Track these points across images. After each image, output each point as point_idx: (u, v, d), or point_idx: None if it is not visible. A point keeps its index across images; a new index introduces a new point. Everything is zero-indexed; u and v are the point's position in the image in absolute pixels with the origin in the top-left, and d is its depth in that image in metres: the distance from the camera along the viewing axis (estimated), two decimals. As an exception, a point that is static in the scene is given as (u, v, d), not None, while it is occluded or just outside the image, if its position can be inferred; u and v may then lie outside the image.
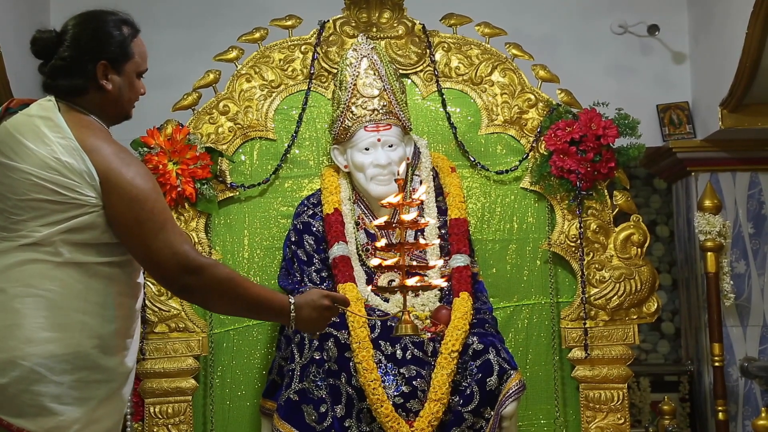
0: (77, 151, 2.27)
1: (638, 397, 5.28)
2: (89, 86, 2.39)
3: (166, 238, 2.28)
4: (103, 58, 2.38)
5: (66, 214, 2.25)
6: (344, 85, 3.63)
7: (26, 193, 2.24)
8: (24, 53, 4.46)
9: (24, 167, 2.26)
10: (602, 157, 3.72)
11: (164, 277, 2.33)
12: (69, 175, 2.25)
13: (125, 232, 2.28)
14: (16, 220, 2.25)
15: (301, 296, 2.54)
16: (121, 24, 2.44)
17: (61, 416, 2.21)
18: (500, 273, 3.87)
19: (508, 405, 3.31)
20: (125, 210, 2.27)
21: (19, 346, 2.19)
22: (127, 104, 2.48)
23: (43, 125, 2.31)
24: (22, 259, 2.23)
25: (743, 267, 4.79)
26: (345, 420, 3.29)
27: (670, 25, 4.95)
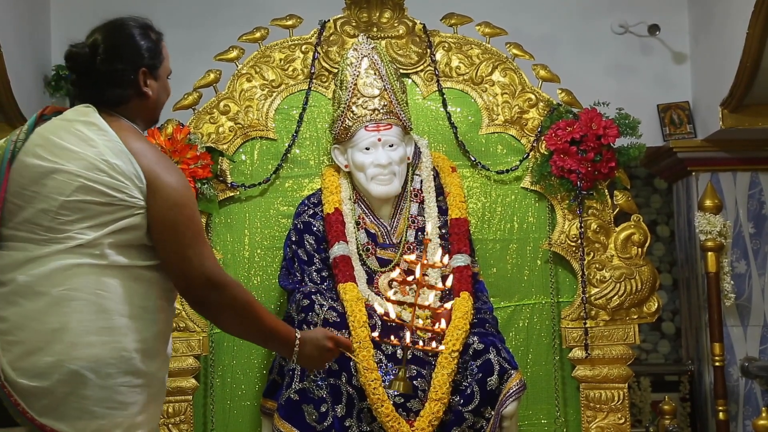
0: (124, 153, 2.28)
1: (639, 396, 5.28)
2: (132, 95, 2.42)
3: (199, 249, 2.31)
4: (142, 66, 2.43)
5: (113, 216, 2.26)
6: (345, 84, 3.63)
7: (74, 194, 2.25)
8: (24, 52, 4.48)
9: (70, 168, 2.26)
10: (603, 156, 3.72)
11: (188, 286, 2.34)
12: (117, 177, 2.26)
13: (162, 235, 2.30)
14: (63, 221, 2.25)
15: (308, 333, 2.58)
16: (148, 30, 2.49)
17: (103, 420, 2.21)
18: (501, 273, 3.87)
19: (509, 405, 3.31)
20: (166, 213, 2.29)
21: (65, 349, 2.19)
22: (162, 107, 2.53)
23: (85, 129, 2.32)
24: (69, 263, 2.23)
25: (744, 267, 4.79)
26: (345, 420, 3.29)
27: (671, 25, 4.95)
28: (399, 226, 3.69)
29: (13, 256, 2.27)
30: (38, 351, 2.20)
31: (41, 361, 2.19)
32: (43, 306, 2.22)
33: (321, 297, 3.39)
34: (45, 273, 2.23)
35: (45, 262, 2.24)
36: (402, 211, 3.70)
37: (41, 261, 2.24)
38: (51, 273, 2.23)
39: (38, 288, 2.22)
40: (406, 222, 3.68)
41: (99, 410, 2.20)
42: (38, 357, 2.19)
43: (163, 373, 2.39)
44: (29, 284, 2.23)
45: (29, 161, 2.31)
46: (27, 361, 2.20)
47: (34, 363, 2.19)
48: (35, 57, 4.69)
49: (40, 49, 4.75)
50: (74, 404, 2.19)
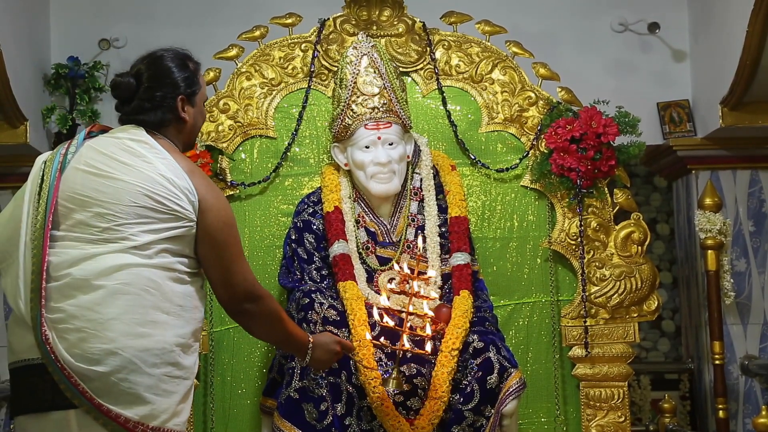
0: (178, 170, 2.51)
1: (639, 395, 5.28)
2: (172, 119, 2.64)
3: (242, 265, 2.58)
4: (181, 93, 2.64)
5: (166, 224, 2.46)
6: (344, 83, 3.63)
7: (133, 201, 2.45)
8: (23, 50, 4.47)
9: (128, 179, 2.47)
10: (602, 155, 3.72)
11: (231, 297, 2.58)
12: (173, 189, 2.47)
13: (211, 251, 2.54)
14: (120, 224, 2.44)
15: (319, 338, 2.87)
16: (186, 60, 2.71)
17: (153, 405, 2.41)
18: (500, 271, 3.87)
19: (509, 403, 3.32)
20: (218, 231, 2.53)
21: (119, 338, 2.38)
22: (198, 132, 2.77)
23: (137, 146, 2.53)
24: (122, 260, 2.43)
25: (744, 265, 4.78)
26: (345, 418, 3.29)
27: (671, 23, 4.94)
28: (399, 224, 3.69)
29: (69, 254, 2.45)
30: (93, 338, 2.38)
31: (96, 348, 2.37)
32: (97, 297, 2.40)
33: (321, 295, 3.39)
34: (100, 268, 2.42)
35: (100, 259, 2.43)
36: (402, 209, 3.70)
37: (96, 258, 2.43)
38: (106, 268, 2.42)
39: (94, 281, 2.41)
40: (405, 220, 3.68)
41: (148, 396, 2.40)
42: (93, 344, 2.37)
43: (196, 368, 2.58)
44: (85, 277, 2.42)
45: (83, 169, 2.50)
46: (81, 347, 2.37)
47: (89, 349, 2.37)
48: (34, 55, 4.68)
49: (39, 47, 4.75)
50: (126, 389, 2.38)
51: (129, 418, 2.38)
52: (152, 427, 2.40)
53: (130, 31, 4.83)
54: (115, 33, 4.81)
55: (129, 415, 2.38)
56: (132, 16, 4.85)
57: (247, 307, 2.59)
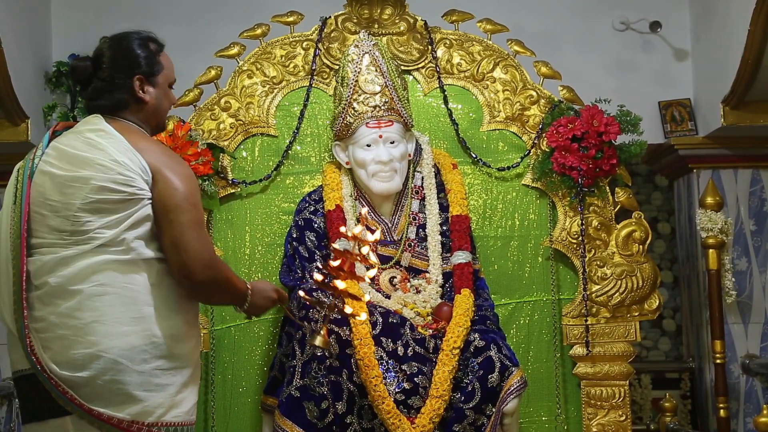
0: (130, 151, 2.49)
1: (639, 394, 5.28)
2: (130, 100, 2.63)
3: (200, 233, 2.51)
4: (138, 73, 2.63)
5: (127, 211, 2.45)
6: (346, 81, 3.63)
7: (88, 196, 2.44)
8: (24, 48, 4.47)
9: (84, 174, 2.46)
10: (604, 153, 3.72)
11: (189, 268, 2.49)
12: (125, 172, 2.45)
13: (164, 218, 2.48)
14: (83, 223, 2.44)
15: (256, 284, 2.79)
16: (148, 41, 2.70)
17: (146, 402, 2.42)
18: (502, 270, 3.87)
19: (510, 402, 3.32)
20: (169, 196, 2.48)
21: (101, 340, 2.40)
22: (164, 114, 2.74)
23: (94, 135, 2.52)
24: (96, 260, 2.43)
25: (745, 264, 4.78)
26: (346, 416, 3.29)
27: (672, 22, 4.94)
28: (400, 223, 3.68)
29: (43, 260, 2.45)
30: (76, 344, 2.40)
31: (79, 353, 2.39)
32: (76, 303, 2.41)
33: (322, 294, 3.39)
34: (74, 272, 2.42)
35: (73, 262, 2.43)
36: (403, 208, 3.70)
37: (69, 261, 2.43)
38: (80, 272, 2.42)
39: (70, 287, 2.42)
40: (407, 219, 3.68)
41: (139, 393, 2.41)
42: (76, 350, 2.39)
43: (197, 354, 2.58)
44: (61, 284, 2.42)
45: (49, 172, 2.51)
46: (66, 355, 2.39)
47: (73, 356, 2.39)
48: (36, 53, 4.69)
49: (40, 45, 4.75)
50: (115, 390, 2.39)
51: (122, 418, 2.39)
52: (148, 423, 2.42)
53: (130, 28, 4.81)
54: (116, 31, 4.77)
55: (121, 416, 2.39)
56: (133, 14, 4.85)
57: (207, 275, 2.51)
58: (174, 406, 2.47)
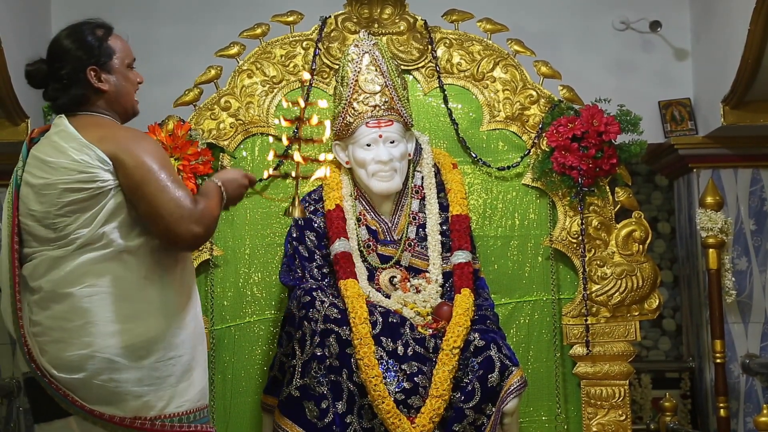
0: (86, 147, 2.47)
1: (639, 393, 5.28)
2: (89, 93, 2.60)
3: (171, 195, 2.44)
4: (89, 65, 2.59)
5: (97, 206, 2.45)
6: (346, 81, 3.63)
7: (59, 201, 2.45)
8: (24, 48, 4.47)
9: (53, 179, 2.47)
10: (604, 153, 3.72)
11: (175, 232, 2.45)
12: (86, 170, 2.44)
13: (134, 197, 2.46)
14: (62, 228, 2.45)
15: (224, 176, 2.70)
16: (93, 29, 2.65)
17: (146, 397, 2.42)
18: (502, 269, 3.87)
19: (510, 401, 3.32)
20: (129, 176, 2.45)
21: (95, 341, 2.40)
22: (129, 96, 2.68)
23: (58, 138, 2.53)
24: (82, 261, 2.44)
25: (745, 264, 4.78)
26: (346, 416, 3.29)
27: (672, 22, 4.94)
28: (400, 222, 3.68)
29: (35, 264, 2.48)
30: (70, 346, 2.41)
31: (74, 355, 2.40)
32: (68, 306, 2.43)
33: (322, 293, 3.39)
34: (63, 275, 2.44)
35: (61, 265, 2.45)
36: (403, 207, 3.70)
37: (57, 264, 2.45)
38: (68, 274, 2.44)
39: (61, 290, 2.43)
40: (407, 219, 3.68)
41: (138, 389, 2.41)
42: (71, 352, 2.40)
43: (195, 337, 2.56)
44: (53, 289, 2.44)
45: (29, 181, 2.53)
46: (62, 357, 2.40)
47: (68, 358, 2.40)
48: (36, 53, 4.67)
49: (40, 44, 4.73)
50: (114, 389, 2.40)
51: (124, 416, 2.40)
52: (150, 417, 2.42)
53: (131, 28, 4.76)
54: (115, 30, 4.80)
55: (123, 414, 2.40)
56: (133, 14, 4.84)
57: (194, 230, 2.45)
58: (176, 396, 2.47)
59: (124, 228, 2.46)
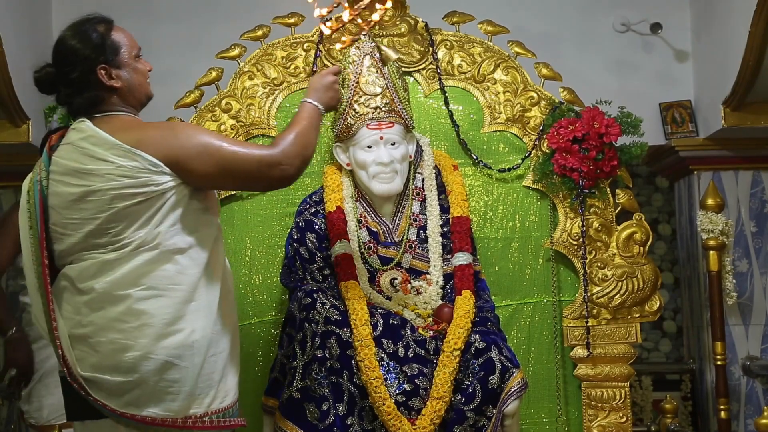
0: (129, 152, 2.45)
1: (640, 395, 5.28)
2: (102, 92, 2.57)
3: (244, 158, 2.52)
4: (98, 64, 2.55)
5: (152, 209, 2.45)
6: (347, 82, 3.63)
7: (110, 207, 2.44)
8: (25, 49, 4.47)
9: (97, 186, 2.44)
10: (605, 155, 3.72)
11: (271, 181, 2.63)
12: (138, 175, 2.44)
13: (216, 181, 2.53)
14: (116, 232, 2.45)
15: (313, 92, 2.88)
16: (95, 25, 2.59)
17: (196, 395, 2.45)
18: (502, 271, 3.87)
19: (510, 403, 3.31)
20: (201, 166, 2.48)
21: (151, 343, 2.41)
22: (141, 87, 2.66)
23: (89, 145, 2.49)
24: (138, 263, 2.44)
25: (745, 265, 4.79)
26: (347, 418, 3.29)
27: (673, 23, 4.94)
28: (401, 224, 3.68)
29: (84, 266, 2.47)
30: (125, 348, 2.41)
31: (130, 356, 2.40)
32: (125, 307, 2.42)
33: (323, 295, 3.39)
34: (119, 277, 2.44)
35: (116, 267, 2.44)
36: (404, 209, 3.70)
37: (112, 266, 2.45)
38: (124, 276, 2.44)
39: (117, 292, 2.43)
40: (407, 220, 3.68)
41: (189, 388, 2.44)
42: (125, 353, 2.41)
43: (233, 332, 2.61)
44: (108, 290, 2.44)
45: (61, 191, 2.50)
46: (115, 359, 2.41)
47: (124, 359, 2.40)
48: (37, 54, 4.67)
49: (41, 46, 4.74)
50: (166, 389, 2.41)
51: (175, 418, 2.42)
52: (200, 415, 2.45)
53: (131, 29, 4.76)
54: (115, 23, 4.81)
55: (173, 415, 2.42)
56: (134, 15, 4.85)
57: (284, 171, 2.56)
58: (220, 392, 2.50)
59: (177, 229, 2.48)
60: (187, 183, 2.50)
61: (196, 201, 2.54)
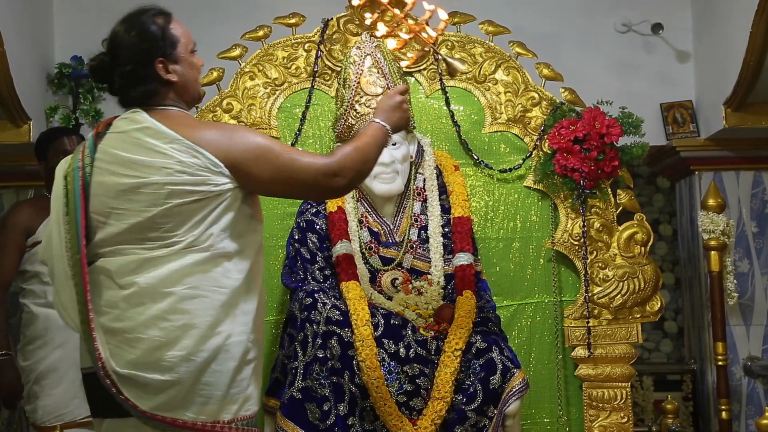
0: (191, 149, 2.40)
1: (641, 396, 5.28)
2: (158, 86, 2.51)
3: (302, 166, 2.49)
4: (156, 57, 2.50)
5: (208, 208, 2.40)
6: (348, 83, 3.63)
7: (166, 203, 2.38)
8: (26, 49, 4.47)
9: (153, 180, 2.38)
10: (606, 155, 3.72)
11: (325, 192, 2.63)
12: (197, 173, 2.39)
13: (272, 187, 2.50)
14: (166, 229, 2.39)
15: (381, 112, 2.76)
16: (153, 17, 2.54)
17: (227, 400, 2.40)
18: (503, 271, 3.87)
19: (512, 403, 3.31)
20: (259, 171, 2.44)
21: (193, 344, 2.36)
22: (196, 84, 2.63)
23: (144, 136, 2.42)
24: (185, 262, 2.39)
25: (746, 266, 4.79)
26: (348, 418, 3.29)
27: (674, 24, 4.94)
28: (402, 224, 3.69)
29: (126, 260, 2.40)
30: (165, 346, 2.35)
31: (169, 356, 2.35)
32: (168, 305, 2.37)
33: (324, 295, 3.39)
34: (165, 274, 2.38)
35: (161, 264, 2.38)
36: (405, 209, 3.70)
37: (158, 263, 2.39)
38: (171, 274, 2.38)
39: (162, 289, 2.37)
40: (408, 221, 3.68)
41: (220, 393, 2.39)
42: (165, 352, 2.35)
43: (263, 341, 2.58)
44: (152, 285, 2.37)
45: (108, 180, 2.42)
46: (154, 356, 2.35)
47: (162, 357, 2.35)
48: (38, 55, 4.69)
49: (43, 46, 4.75)
50: (200, 392, 2.37)
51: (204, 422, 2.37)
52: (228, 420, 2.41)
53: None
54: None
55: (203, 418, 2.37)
56: (135, 15, 4.85)
57: (340, 182, 2.53)
58: (246, 401, 2.46)
59: (227, 232, 2.43)
60: (242, 186, 2.46)
61: (246, 206, 2.49)
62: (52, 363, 3.95)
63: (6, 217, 4.10)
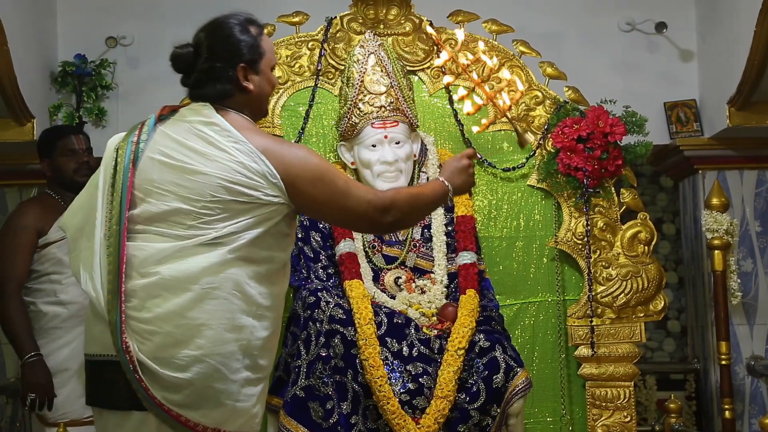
0: (254, 153, 2.40)
1: (644, 395, 5.28)
2: (233, 89, 2.51)
3: (355, 195, 2.50)
4: (241, 62, 2.52)
5: (251, 213, 2.39)
6: (351, 81, 3.63)
7: (214, 195, 2.37)
8: (30, 48, 4.48)
9: (207, 170, 2.38)
10: (609, 154, 3.72)
11: (371, 225, 2.60)
12: (253, 177, 2.38)
13: (322, 209, 2.50)
14: (206, 221, 2.38)
15: (446, 172, 2.74)
16: (247, 25, 2.58)
17: (232, 411, 2.38)
18: (507, 270, 3.87)
19: (515, 402, 3.32)
20: (314, 191, 2.44)
21: (207, 344, 2.34)
22: (267, 99, 2.64)
23: (209, 130, 2.43)
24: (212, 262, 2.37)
25: (750, 265, 4.78)
26: (351, 417, 3.29)
27: (678, 23, 4.93)
28: (405, 223, 3.68)
29: (155, 248, 2.38)
30: (180, 344, 2.33)
31: (183, 354, 2.33)
32: (187, 301, 2.34)
33: (327, 294, 3.39)
34: (190, 269, 2.35)
35: (188, 256, 2.36)
36: (408, 208, 3.69)
37: (185, 255, 2.36)
38: (195, 268, 2.36)
39: (184, 283, 2.35)
40: (412, 219, 3.68)
41: (229, 402, 2.36)
42: (179, 349, 2.33)
43: (271, 365, 2.54)
44: (175, 278, 2.35)
45: (158, 159, 2.42)
46: (168, 353, 2.33)
47: (176, 354, 2.33)
48: (42, 53, 4.69)
49: (46, 45, 4.75)
50: (209, 396, 2.34)
51: (206, 426, 2.35)
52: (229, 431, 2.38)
53: (137, 29, 4.83)
54: (122, 31, 4.82)
55: (207, 423, 2.35)
56: (139, 14, 4.85)
57: (389, 219, 2.52)
58: (252, 418, 2.43)
59: (260, 242, 2.41)
60: (291, 203, 2.45)
61: (284, 225, 2.48)
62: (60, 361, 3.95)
63: (15, 219, 4.09)
